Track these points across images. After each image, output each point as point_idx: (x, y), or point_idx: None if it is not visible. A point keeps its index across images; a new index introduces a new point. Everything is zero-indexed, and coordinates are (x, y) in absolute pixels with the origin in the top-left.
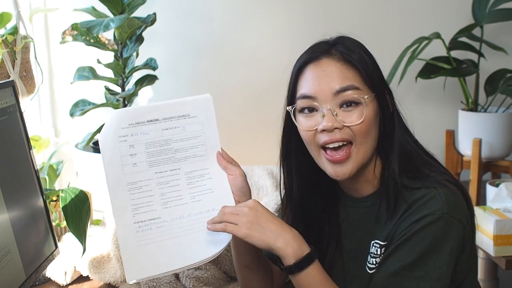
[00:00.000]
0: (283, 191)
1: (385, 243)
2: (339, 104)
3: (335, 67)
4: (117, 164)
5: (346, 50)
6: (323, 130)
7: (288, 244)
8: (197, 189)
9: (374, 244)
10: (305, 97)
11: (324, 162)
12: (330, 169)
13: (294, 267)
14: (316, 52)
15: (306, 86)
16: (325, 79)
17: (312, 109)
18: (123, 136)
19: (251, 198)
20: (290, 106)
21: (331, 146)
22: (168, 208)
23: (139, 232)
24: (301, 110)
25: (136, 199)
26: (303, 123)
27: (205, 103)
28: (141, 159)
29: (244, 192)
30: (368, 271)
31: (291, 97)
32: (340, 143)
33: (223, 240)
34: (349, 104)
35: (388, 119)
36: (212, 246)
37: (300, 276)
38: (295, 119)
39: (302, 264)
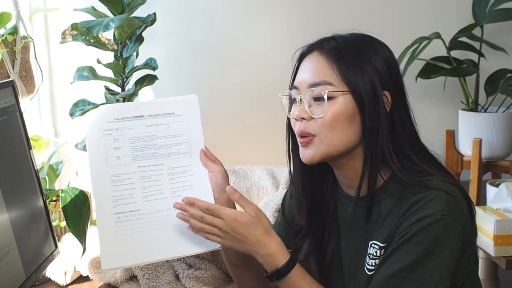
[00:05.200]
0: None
1: (385, 244)
2: (312, 96)
3: (317, 61)
4: (101, 156)
5: (334, 46)
6: (295, 119)
7: (261, 259)
8: (178, 184)
9: (372, 245)
10: (293, 87)
11: (299, 145)
12: (300, 152)
13: (277, 274)
14: (312, 46)
15: (296, 77)
16: (307, 71)
17: (295, 99)
18: (108, 130)
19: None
20: (281, 93)
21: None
22: (148, 201)
23: (118, 222)
24: (292, 100)
25: (117, 191)
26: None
27: (190, 103)
28: (125, 153)
29: (223, 189)
30: (367, 272)
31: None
32: (304, 136)
33: (205, 241)
34: (317, 98)
35: (376, 120)
36: (191, 243)
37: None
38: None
39: (276, 275)
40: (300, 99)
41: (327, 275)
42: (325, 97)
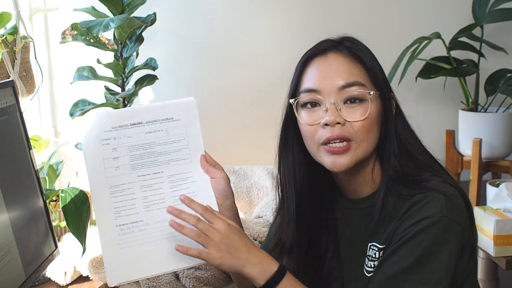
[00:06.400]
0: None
1: (384, 246)
2: (343, 99)
3: (342, 62)
4: (99, 167)
5: (354, 46)
6: (325, 124)
7: (254, 268)
8: (180, 192)
9: (372, 247)
10: (309, 90)
11: (322, 154)
12: (328, 160)
13: (273, 279)
14: (323, 47)
15: (311, 79)
16: (331, 74)
17: (315, 104)
18: (106, 140)
19: (234, 201)
20: (293, 99)
21: (331, 144)
22: (150, 211)
23: (121, 235)
24: (304, 105)
25: (118, 202)
26: (305, 117)
27: (188, 107)
28: (124, 162)
29: (226, 195)
30: (366, 274)
31: (294, 90)
32: (341, 141)
33: None
34: (354, 100)
35: (390, 121)
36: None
37: None
38: (297, 113)
39: (271, 283)
40: (332, 103)
41: (326, 277)
42: (369, 98)
